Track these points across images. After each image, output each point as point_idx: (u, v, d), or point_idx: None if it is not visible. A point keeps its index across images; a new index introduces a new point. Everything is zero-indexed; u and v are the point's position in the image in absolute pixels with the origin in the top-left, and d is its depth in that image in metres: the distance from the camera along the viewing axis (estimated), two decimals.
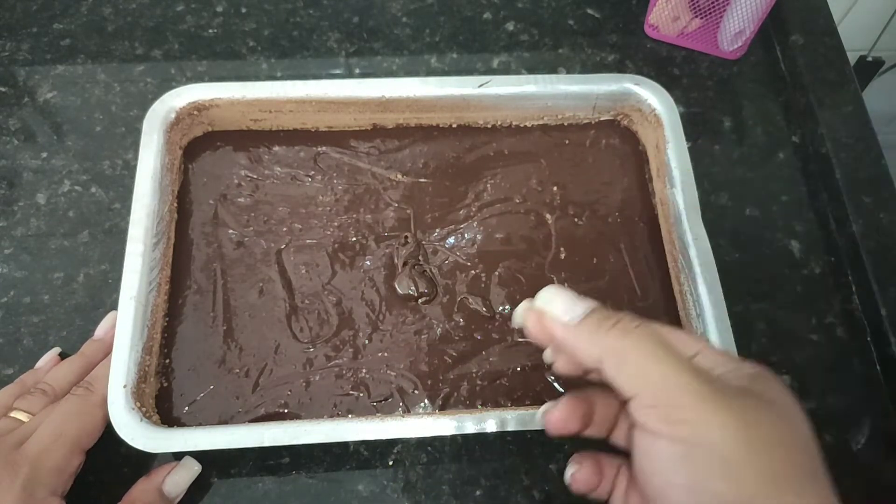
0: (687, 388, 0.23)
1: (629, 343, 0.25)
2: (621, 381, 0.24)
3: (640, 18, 0.55)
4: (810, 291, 0.45)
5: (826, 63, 0.52)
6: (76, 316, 0.42)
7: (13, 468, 0.32)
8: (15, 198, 0.46)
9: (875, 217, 0.46)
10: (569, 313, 0.26)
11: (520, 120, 0.47)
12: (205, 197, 0.44)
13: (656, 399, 0.24)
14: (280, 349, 0.40)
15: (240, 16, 0.54)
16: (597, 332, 0.25)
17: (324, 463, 0.39)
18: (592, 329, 0.25)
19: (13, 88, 0.50)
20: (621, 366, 0.24)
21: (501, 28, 0.54)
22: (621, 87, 0.45)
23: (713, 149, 0.50)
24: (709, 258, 0.39)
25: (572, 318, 0.26)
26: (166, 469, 0.37)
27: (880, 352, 0.43)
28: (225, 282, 0.41)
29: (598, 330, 0.25)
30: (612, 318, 0.25)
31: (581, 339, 0.26)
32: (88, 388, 0.36)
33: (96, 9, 0.54)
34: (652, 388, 0.24)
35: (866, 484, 0.40)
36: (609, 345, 0.25)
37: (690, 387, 0.23)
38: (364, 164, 0.45)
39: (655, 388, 0.24)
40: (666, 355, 0.24)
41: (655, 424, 0.24)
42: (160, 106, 0.43)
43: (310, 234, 0.43)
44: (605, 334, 0.25)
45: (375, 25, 0.54)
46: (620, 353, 0.25)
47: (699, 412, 0.23)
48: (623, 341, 0.25)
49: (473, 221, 0.44)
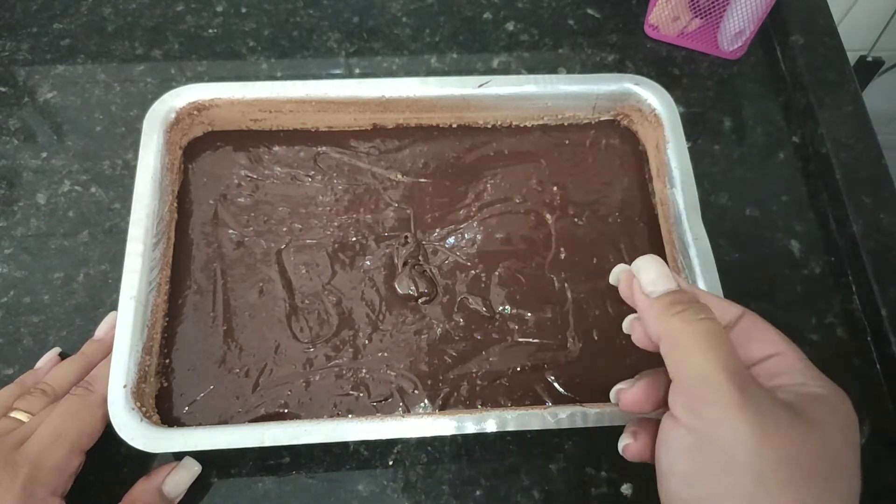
0: (716, 385, 0.24)
1: (685, 330, 0.26)
2: (668, 362, 0.26)
3: (640, 18, 0.55)
4: (810, 291, 0.45)
5: (826, 63, 0.52)
6: (76, 316, 0.42)
7: (13, 468, 0.32)
8: (15, 198, 0.46)
9: (875, 217, 0.46)
10: (651, 286, 0.27)
11: (520, 120, 0.47)
12: (205, 197, 0.44)
13: (686, 387, 0.25)
14: (280, 349, 0.40)
15: (240, 16, 0.54)
16: (665, 312, 0.26)
17: (324, 463, 0.39)
18: (663, 308, 0.26)
19: (13, 88, 0.50)
20: (671, 349, 0.26)
21: (501, 28, 0.54)
22: (621, 87, 0.45)
23: (713, 149, 0.50)
24: (709, 258, 0.39)
25: (652, 292, 0.27)
26: (166, 469, 0.37)
27: (880, 352, 0.43)
28: (225, 282, 0.41)
29: (668, 310, 0.26)
30: (683, 304, 0.26)
31: (651, 314, 0.27)
32: (88, 388, 0.36)
33: (96, 9, 0.54)
34: (687, 376, 0.25)
35: (866, 484, 0.40)
36: (669, 326, 0.26)
37: (720, 385, 0.24)
38: (364, 164, 0.45)
39: (690, 376, 0.25)
40: (711, 351, 0.25)
41: (679, 410, 0.25)
42: (160, 106, 0.43)
43: (310, 234, 0.43)
44: (670, 316, 0.26)
45: (375, 25, 0.54)
46: (674, 337, 0.26)
47: (718, 409, 0.24)
48: (680, 326, 0.26)
49: (473, 221, 0.44)
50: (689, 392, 0.25)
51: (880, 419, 0.42)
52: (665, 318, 0.26)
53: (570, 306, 0.41)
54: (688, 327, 0.26)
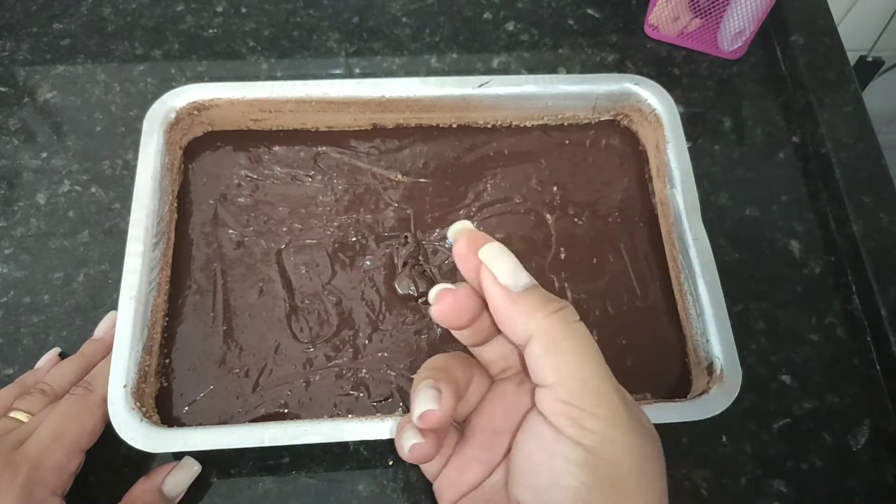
0: (606, 399, 0.23)
1: (567, 334, 0.24)
2: (545, 366, 0.24)
3: (640, 18, 0.55)
4: (810, 291, 0.45)
5: (826, 63, 0.52)
6: (76, 316, 0.42)
7: (13, 468, 0.32)
8: (15, 198, 0.46)
9: (875, 217, 0.46)
10: (512, 278, 0.25)
11: (520, 120, 0.47)
12: (205, 197, 0.44)
13: (573, 397, 0.23)
14: (280, 349, 0.40)
15: (240, 16, 0.54)
16: (538, 311, 0.24)
17: (324, 463, 0.39)
18: (535, 306, 0.24)
19: (13, 88, 0.50)
20: (550, 354, 0.24)
21: (501, 28, 0.54)
22: (621, 87, 0.45)
23: (713, 149, 0.50)
24: (709, 258, 0.39)
25: (515, 285, 0.25)
26: (166, 469, 0.37)
27: (880, 352, 0.43)
28: (225, 282, 0.41)
29: (541, 309, 0.24)
30: (557, 303, 0.24)
31: (518, 311, 0.24)
32: (88, 388, 0.36)
33: (96, 9, 0.54)
34: (573, 385, 0.23)
35: (866, 484, 0.40)
36: (547, 327, 0.24)
37: (609, 399, 0.23)
38: (364, 164, 0.45)
39: (576, 387, 0.23)
40: (594, 359, 0.24)
41: (562, 421, 0.23)
42: (160, 106, 0.43)
43: (310, 234, 0.43)
44: (545, 316, 0.24)
45: (375, 25, 0.54)
46: (554, 341, 0.24)
47: (608, 425, 0.23)
48: (562, 329, 0.24)
49: (473, 221, 0.44)
50: (576, 403, 0.23)
51: (880, 419, 0.42)
52: (539, 317, 0.24)
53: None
54: (569, 329, 0.24)
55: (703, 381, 0.38)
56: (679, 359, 0.40)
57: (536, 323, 0.24)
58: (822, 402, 0.42)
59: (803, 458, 0.40)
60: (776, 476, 0.40)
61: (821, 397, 0.42)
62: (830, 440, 0.41)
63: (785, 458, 0.40)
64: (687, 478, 0.40)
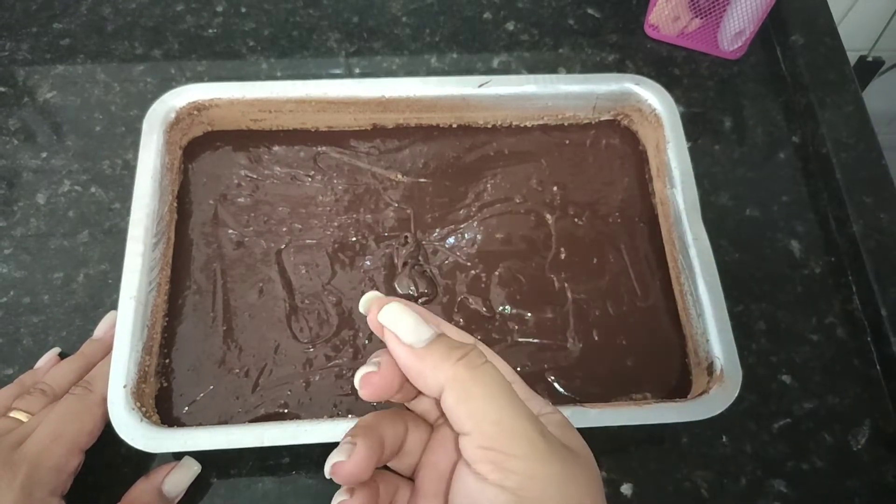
0: (524, 438, 0.23)
1: (476, 378, 0.24)
2: (459, 414, 0.24)
3: (641, 18, 0.55)
4: (810, 291, 0.45)
5: (826, 63, 0.52)
6: (76, 316, 0.42)
7: (12, 468, 0.32)
8: (15, 198, 0.46)
9: (875, 217, 0.46)
10: (414, 335, 0.25)
11: (520, 120, 0.47)
12: (205, 197, 0.44)
13: (490, 441, 0.23)
14: (280, 349, 0.40)
15: (240, 16, 0.54)
16: (445, 361, 0.24)
17: (323, 463, 0.39)
18: (441, 357, 0.24)
19: (13, 88, 0.50)
20: (463, 400, 0.23)
21: (501, 28, 0.54)
22: (621, 86, 0.45)
23: (713, 149, 0.50)
24: (709, 258, 0.39)
25: (417, 342, 0.25)
26: (166, 469, 0.37)
27: (880, 352, 0.43)
28: (225, 282, 0.41)
29: (447, 359, 0.24)
30: (461, 350, 0.24)
31: (427, 366, 0.24)
32: (87, 388, 0.36)
33: (96, 9, 0.54)
34: (488, 429, 0.23)
35: (867, 484, 0.40)
36: (455, 375, 0.24)
37: (528, 437, 0.23)
38: (364, 164, 0.45)
39: (492, 429, 0.23)
40: (506, 398, 0.23)
41: (485, 467, 0.23)
42: (160, 106, 0.43)
43: (310, 234, 0.43)
44: (452, 365, 0.24)
45: (375, 25, 0.54)
46: (465, 389, 0.23)
47: (530, 464, 0.22)
48: (470, 375, 0.24)
49: (473, 221, 0.44)
50: (496, 447, 0.23)
51: (880, 419, 0.42)
52: (446, 367, 0.24)
53: (570, 306, 0.41)
54: (476, 374, 0.24)
55: (704, 381, 0.38)
56: (679, 359, 0.40)
57: (444, 374, 0.24)
58: (822, 403, 0.42)
59: (803, 459, 0.40)
60: (776, 476, 0.40)
61: (821, 397, 0.42)
62: (831, 440, 0.41)
63: (785, 458, 0.40)
64: (687, 478, 0.40)
